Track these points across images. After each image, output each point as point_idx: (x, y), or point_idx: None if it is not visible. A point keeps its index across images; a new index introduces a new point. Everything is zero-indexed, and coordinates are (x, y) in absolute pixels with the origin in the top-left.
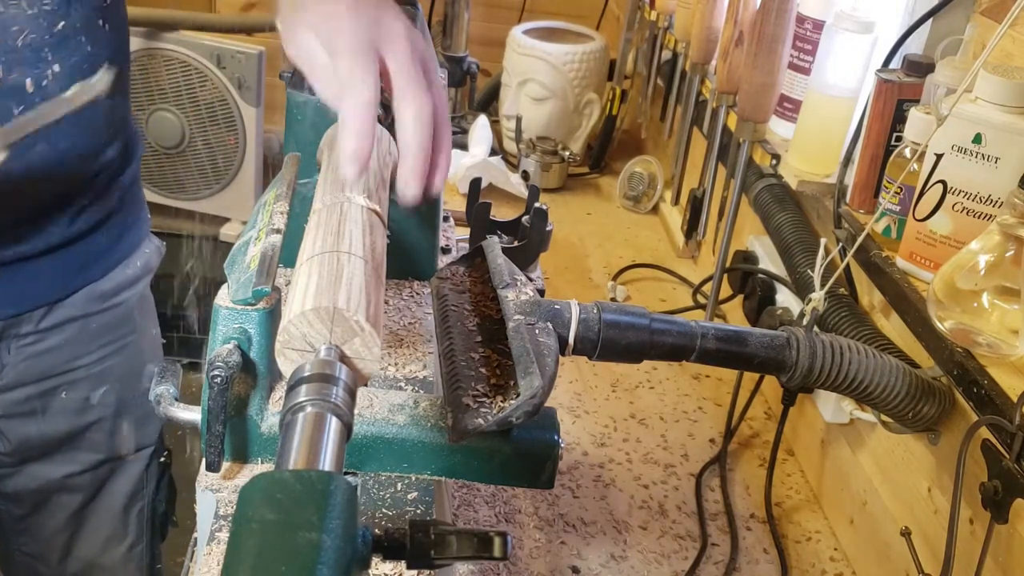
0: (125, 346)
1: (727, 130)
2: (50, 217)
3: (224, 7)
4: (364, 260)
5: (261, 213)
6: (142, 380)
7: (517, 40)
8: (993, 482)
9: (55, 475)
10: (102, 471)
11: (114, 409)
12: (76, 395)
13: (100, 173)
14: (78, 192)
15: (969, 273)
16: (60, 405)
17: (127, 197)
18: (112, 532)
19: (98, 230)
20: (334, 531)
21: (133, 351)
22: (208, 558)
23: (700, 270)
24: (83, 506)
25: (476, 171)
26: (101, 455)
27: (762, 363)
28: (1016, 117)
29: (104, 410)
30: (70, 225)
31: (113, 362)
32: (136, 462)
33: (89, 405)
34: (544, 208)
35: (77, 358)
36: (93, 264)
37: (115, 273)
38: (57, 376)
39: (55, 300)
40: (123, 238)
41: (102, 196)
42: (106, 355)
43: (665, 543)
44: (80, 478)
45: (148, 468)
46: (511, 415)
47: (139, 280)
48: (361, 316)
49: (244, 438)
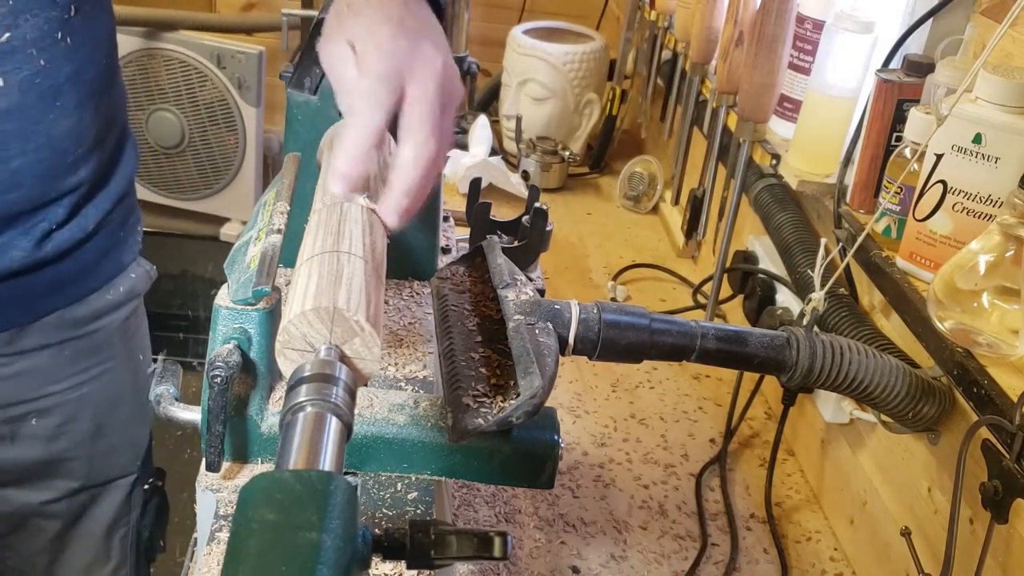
0: (104, 373)
1: (727, 130)
2: (10, 240)
3: (224, 7)
4: (364, 260)
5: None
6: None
7: (517, 40)
8: (993, 482)
9: (32, 500)
10: (80, 498)
11: (91, 437)
12: (48, 422)
13: (68, 194)
14: (41, 215)
15: (969, 273)
16: (30, 432)
17: (109, 220)
18: (95, 557)
19: (69, 256)
20: (334, 531)
21: (113, 378)
22: (208, 558)
23: (700, 270)
24: (63, 532)
25: (476, 171)
26: (78, 483)
27: (762, 363)
28: (1016, 117)
29: (80, 437)
30: (35, 250)
31: (90, 389)
32: (117, 489)
33: (62, 432)
34: (544, 208)
35: (48, 384)
36: (62, 290)
37: (92, 299)
38: (26, 403)
39: (17, 326)
40: (100, 264)
41: (73, 219)
42: (82, 382)
43: (665, 543)
44: (57, 505)
45: (131, 495)
46: (511, 415)
47: (121, 306)
48: (361, 316)
49: (244, 438)
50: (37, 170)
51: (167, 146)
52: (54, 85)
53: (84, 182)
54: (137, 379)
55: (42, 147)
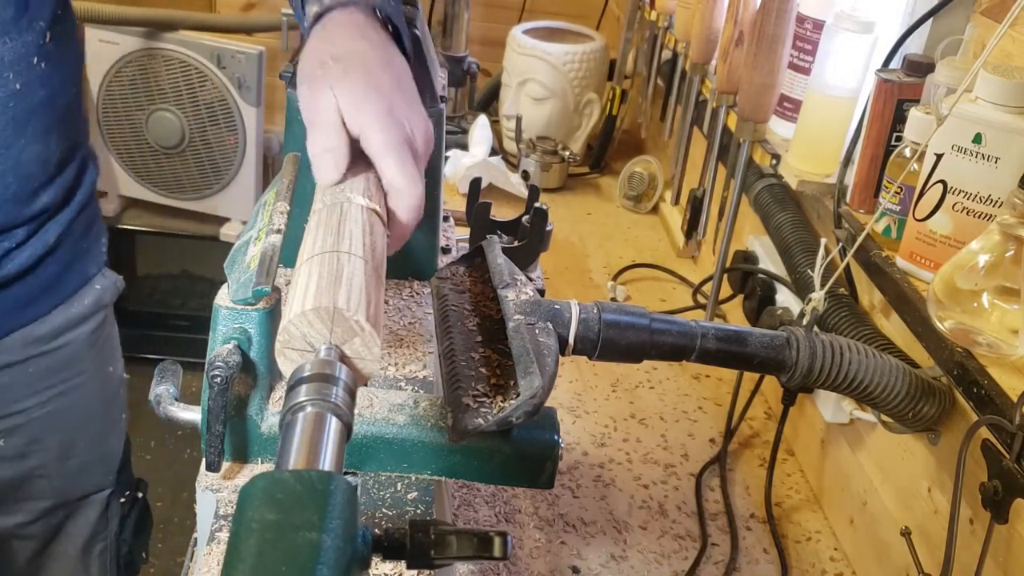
0: (72, 388)
1: (727, 130)
2: None
3: (224, 7)
4: (364, 260)
5: (261, 213)
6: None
7: (517, 40)
8: (993, 482)
9: (6, 524)
10: (55, 517)
11: (62, 454)
12: (16, 441)
13: (30, 220)
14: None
15: (969, 273)
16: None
17: (71, 232)
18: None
19: (31, 273)
20: (334, 531)
21: (83, 393)
22: (208, 558)
23: (700, 270)
24: (38, 552)
25: (476, 171)
26: (50, 501)
27: (762, 363)
28: (1016, 117)
29: (50, 455)
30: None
31: (59, 405)
32: (93, 505)
33: (32, 451)
34: (544, 208)
35: (14, 403)
36: (26, 308)
37: (56, 313)
38: None
39: None
40: (64, 278)
41: (34, 236)
42: (50, 398)
43: (665, 543)
44: (32, 527)
45: (108, 509)
46: (511, 415)
47: (88, 319)
48: (361, 316)
49: (244, 438)
50: (2, 196)
51: (167, 146)
52: (27, 109)
53: (48, 207)
54: (108, 391)
55: (8, 172)
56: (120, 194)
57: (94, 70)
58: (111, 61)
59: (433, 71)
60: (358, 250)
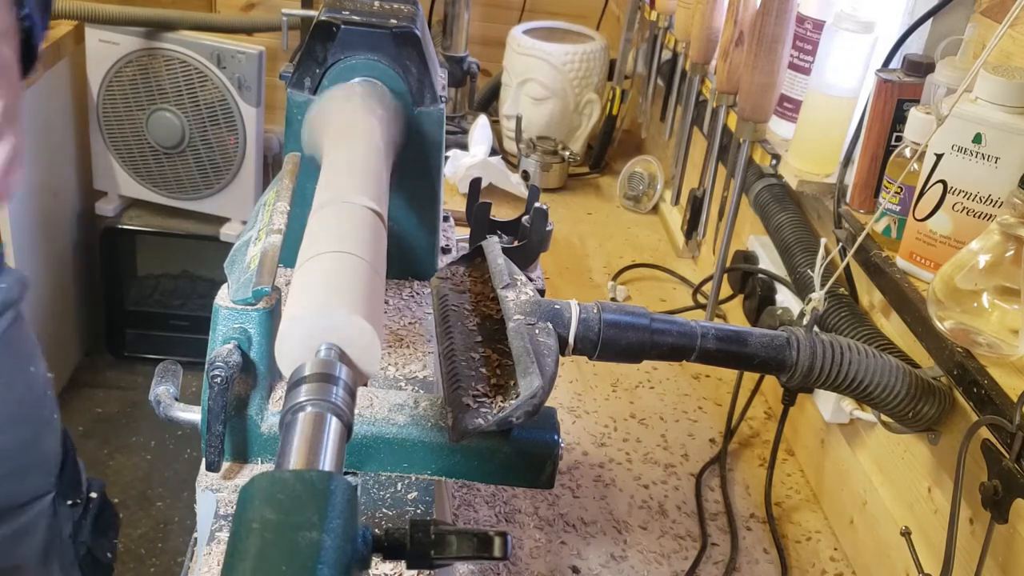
0: None
1: (727, 130)
2: None
3: (224, 7)
4: (364, 260)
5: (261, 213)
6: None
7: (517, 40)
8: (993, 482)
9: None
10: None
11: None
12: None
13: None
14: None
15: (969, 273)
16: None
17: None
18: None
19: None
20: (334, 531)
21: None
22: (208, 558)
23: (700, 270)
24: None
25: (476, 171)
26: None
27: (762, 363)
28: (1016, 117)
29: None
30: None
31: None
32: (39, 512)
33: None
34: (544, 208)
35: None
36: None
37: None
38: None
39: None
40: None
41: None
42: None
43: (665, 543)
44: None
45: (57, 514)
46: (511, 415)
47: None
48: (361, 316)
49: (244, 438)
50: None
51: (167, 146)
52: None
53: None
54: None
55: None
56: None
57: (94, 70)
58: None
59: (433, 71)
60: (358, 250)
